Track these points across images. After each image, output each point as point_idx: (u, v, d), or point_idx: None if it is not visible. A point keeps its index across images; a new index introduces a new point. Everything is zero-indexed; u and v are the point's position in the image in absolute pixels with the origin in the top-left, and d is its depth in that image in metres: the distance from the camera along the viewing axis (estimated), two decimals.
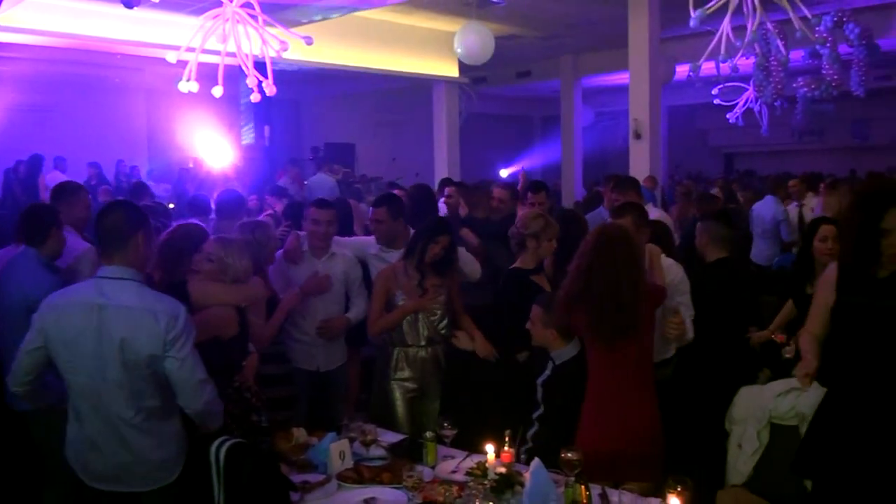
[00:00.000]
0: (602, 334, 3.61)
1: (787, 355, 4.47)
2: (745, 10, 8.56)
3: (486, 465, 3.43)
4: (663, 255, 4.52)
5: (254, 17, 4.97)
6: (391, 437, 4.02)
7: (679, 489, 2.79)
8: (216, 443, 3.14)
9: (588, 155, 19.08)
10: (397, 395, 4.67)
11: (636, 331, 3.60)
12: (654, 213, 7.04)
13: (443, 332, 4.72)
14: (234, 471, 3.08)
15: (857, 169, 18.34)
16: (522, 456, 3.88)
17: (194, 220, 4.61)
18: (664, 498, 2.81)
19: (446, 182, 8.23)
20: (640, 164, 10.90)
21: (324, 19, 11.63)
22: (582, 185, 17.49)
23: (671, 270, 4.48)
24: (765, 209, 9.68)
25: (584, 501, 2.76)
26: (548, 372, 4.06)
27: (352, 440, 3.78)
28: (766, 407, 3.79)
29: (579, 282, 3.66)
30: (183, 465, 3.29)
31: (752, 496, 3.44)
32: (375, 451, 3.77)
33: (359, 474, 3.53)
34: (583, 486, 2.77)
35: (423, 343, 4.69)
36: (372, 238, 5.52)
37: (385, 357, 4.75)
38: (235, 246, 4.09)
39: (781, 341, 4.71)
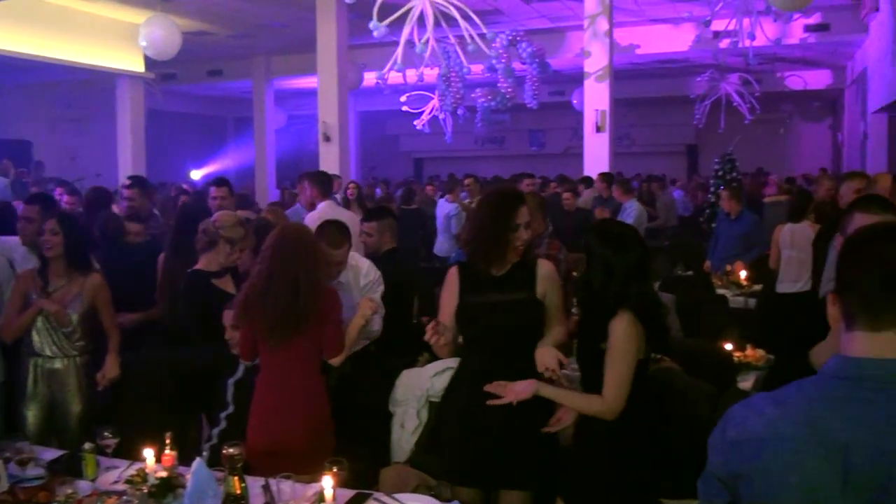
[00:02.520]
0: (278, 332, 3.60)
1: None
2: (426, 23, 9.01)
3: (147, 470, 3.30)
4: (359, 256, 4.61)
5: None
6: (50, 454, 3.74)
7: (334, 470, 2.86)
8: None
9: (282, 157, 19.08)
10: (30, 413, 4.44)
11: (311, 328, 3.63)
12: (344, 214, 7.21)
13: (78, 344, 4.53)
14: None
15: (535, 174, 19.75)
16: (205, 454, 3.83)
17: None
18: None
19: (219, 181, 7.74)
20: (330, 167, 11.07)
21: None
22: (276, 187, 17.43)
23: (371, 271, 4.56)
24: (443, 208, 10.29)
25: (238, 493, 2.74)
26: (239, 373, 4.02)
27: (7, 461, 3.47)
28: (424, 387, 3.98)
29: (260, 282, 3.64)
30: None
31: (413, 471, 3.58)
32: (33, 471, 3.46)
33: (14, 497, 3.25)
34: (236, 479, 2.74)
35: (55, 354, 4.49)
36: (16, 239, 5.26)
37: (22, 370, 4.50)
38: None
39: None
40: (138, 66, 14.43)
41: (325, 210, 7.12)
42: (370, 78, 12.65)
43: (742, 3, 11.32)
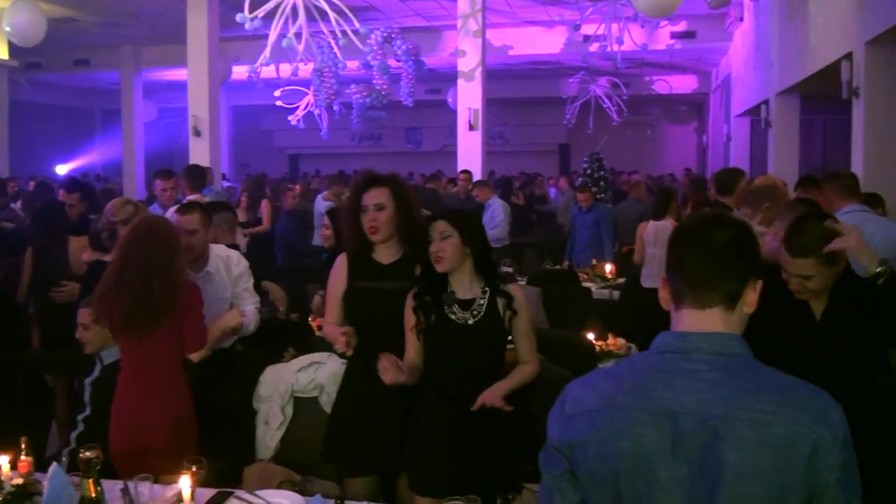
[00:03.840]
0: (134, 324, 3.54)
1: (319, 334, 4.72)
2: (300, 17, 8.93)
3: (2, 477, 3.17)
4: (227, 248, 4.58)
5: None
6: None
7: (193, 469, 2.83)
8: None
9: (152, 152, 18.51)
10: None
11: (170, 321, 3.58)
12: None
13: None
14: None
15: (414, 172, 19.86)
16: (64, 459, 3.72)
17: None
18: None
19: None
20: (201, 163, 10.84)
21: None
22: (144, 184, 16.94)
23: (241, 261, 4.51)
24: (320, 205, 10.28)
25: (93, 497, 2.67)
26: (96, 373, 3.91)
27: None
28: (288, 382, 3.96)
29: (114, 272, 3.59)
30: None
31: (278, 467, 3.57)
32: None
33: None
34: (90, 482, 2.68)
35: None
36: None
37: None
38: None
39: (318, 324, 5.03)
40: (1, 53, 13.79)
41: None
42: (244, 71, 12.45)
43: (611, 8, 11.68)
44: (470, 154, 11.61)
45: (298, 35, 8.91)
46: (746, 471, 1.56)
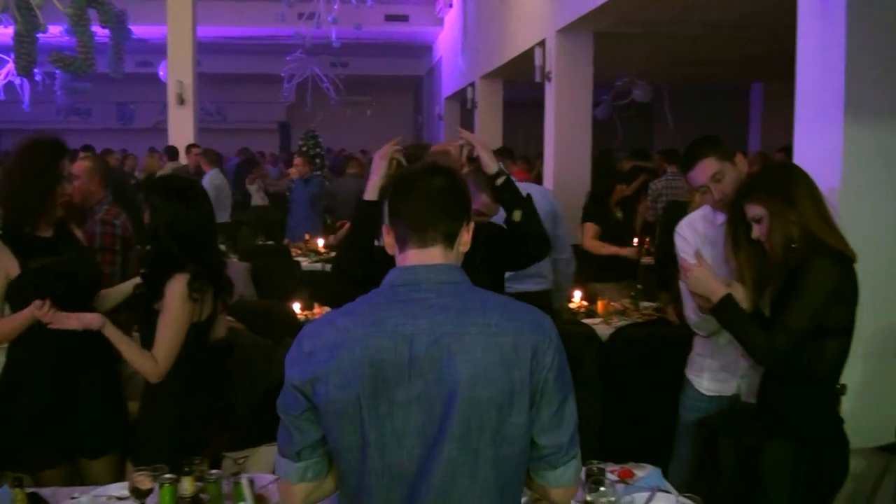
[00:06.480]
0: None
1: None
2: None
3: None
4: None
5: None
6: None
7: None
8: None
9: None
10: None
11: None
12: None
13: None
14: None
15: (126, 149, 18.93)
16: None
17: None
18: None
19: None
20: None
21: None
22: None
23: None
24: None
25: None
26: None
27: None
28: None
29: None
30: None
31: None
32: None
33: None
34: None
35: None
36: None
37: None
38: None
39: None
40: None
41: None
42: None
43: None
44: (181, 130, 11.41)
45: None
46: (479, 377, 1.80)
